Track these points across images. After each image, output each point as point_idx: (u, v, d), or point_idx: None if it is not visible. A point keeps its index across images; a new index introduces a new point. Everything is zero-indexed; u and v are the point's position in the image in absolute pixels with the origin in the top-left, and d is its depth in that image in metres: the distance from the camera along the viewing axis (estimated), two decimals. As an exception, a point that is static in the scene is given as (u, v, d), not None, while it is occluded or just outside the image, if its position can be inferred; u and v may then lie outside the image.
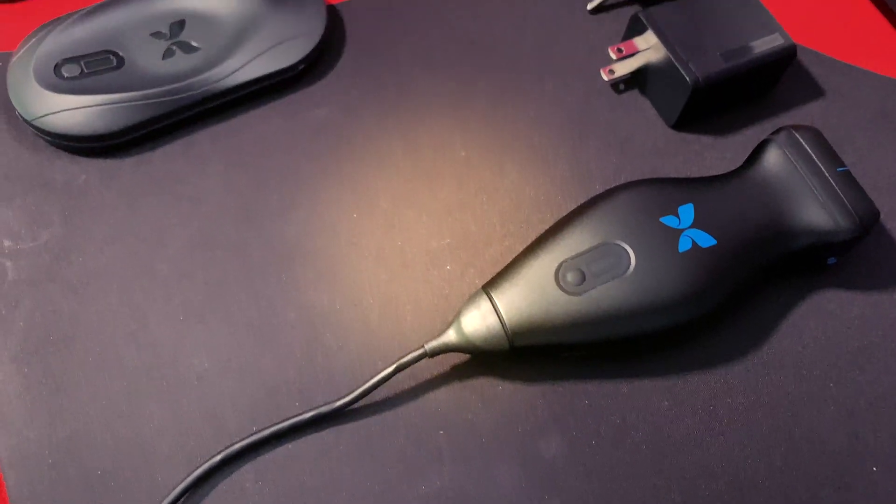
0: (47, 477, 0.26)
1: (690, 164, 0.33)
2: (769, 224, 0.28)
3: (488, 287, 0.27)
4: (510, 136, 0.33)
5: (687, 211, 0.28)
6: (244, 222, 0.30)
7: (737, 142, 0.33)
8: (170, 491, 0.25)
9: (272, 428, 0.26)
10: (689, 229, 0.27)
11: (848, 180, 0.29)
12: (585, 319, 0.26)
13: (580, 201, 0.31)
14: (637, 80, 0.34)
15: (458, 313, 0.27)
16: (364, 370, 0.28)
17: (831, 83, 0.35)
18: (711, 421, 0.28)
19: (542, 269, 0.27)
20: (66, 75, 0.30)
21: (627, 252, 0.27)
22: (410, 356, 0.26)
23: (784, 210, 0.28)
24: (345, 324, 0.29)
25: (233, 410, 0.27)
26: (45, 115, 0.30)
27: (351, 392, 0.26)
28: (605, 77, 0.33)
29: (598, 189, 0.32)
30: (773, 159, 0.29)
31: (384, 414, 0.27)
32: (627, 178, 0.32)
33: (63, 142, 0.30)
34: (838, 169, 0.29)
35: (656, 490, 0.26)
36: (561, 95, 0.34)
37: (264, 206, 0.31)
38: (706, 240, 0.27)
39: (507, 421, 0.27)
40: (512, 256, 0.30)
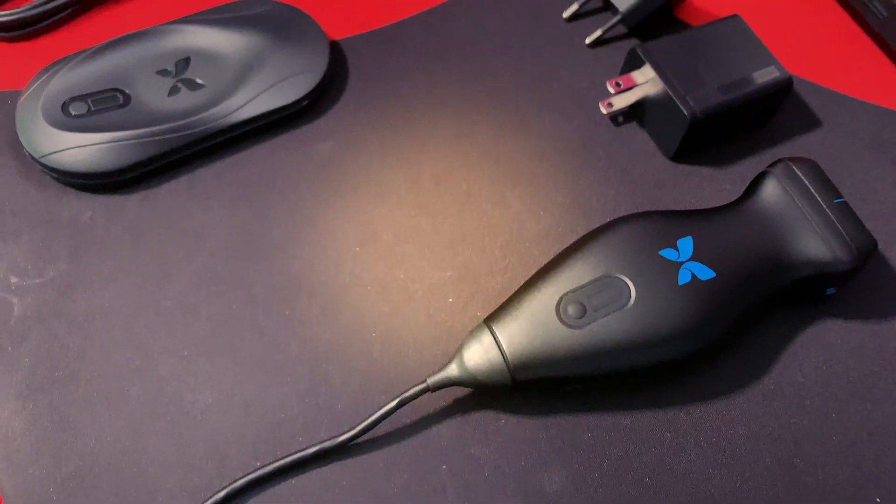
0: (52, 514, 0.26)
1: (689, 196, 0.33)
2: (768, 256, 0.28)
3: (490, 320, 0.27)
4: (511, 169, 0.33)
5: (686, 244, 0.28)
6: (248, 257, 0.31)
7: (735, 173, 0.34)
8: (174, 527, 0.25)
9: (276, 463, 0.26)
10: (689, 262, 0.28)
11: (845, 212, 0.29)
12: (587, 353, 0.26)
13: (581, 233, 0.32)
14: (635, 113, 0.35)
15: (460, 347, 0.27)
16: (367, 404, 0.28)
17: (828, 114, 0.35)
18: (714, 453, 0.28)
19: (544, 303, 0.27)
20: (74, 113, 0.31)
21: (628, 285, 0.27)
22: (413, 391, 0.26)
23: (782, 242, 0.29)
24: (348, 357, 0.29)
25: (237, 446, 0.27)
26: (53, 153, 0.30)
27: (354, 427, 0.26)
28: (604, 110, 0.34)
29: (599, 220, 0.32)
30: (771, 191, 0.30)
31: (387, 449, 0.27)
32: (627, 210, 0.32)
33: (70, 179, 0.31)
34: (835, 200, 0.29)
35: (659, 524, 0.26)
36: (561, 128, 0.34)
37: (268, 241, 0.31)
38: (705, 272, 0.28)
39: (510, 455, 0.27)
40: (514, 288, 0.30)
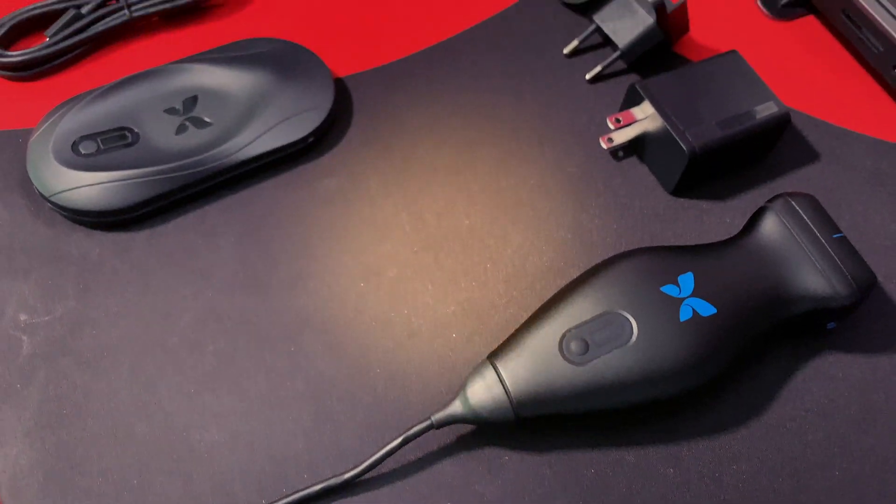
0: (59, 553, 0.26)
1: (690, 230, 0.33)
2: (768, 291, 0.29)
3: (493, 357, 0.27)
4: (513, 204, 0.34)
5: (687, 280, 0.28)
6: (254, 294, 0.31)
7: (735, 207, 0.34)
8: (180, 566, 0.25)
9: (282, 501, 0.26)
10: (690, 298, 0.28)
11: (844, 246, 0.29)
12: (590, 390, 0.27)
13: (583, 267, 0.32)
14: (635, 148, 0.35)
15: (464, 384, 0.27)
16: (372, 441, 0.28)
17: (826, 147, 0.36)
18: (717, 488, 0.28)
19: (547, 339, 0.27)
20: (84, 152, 0.31)
21: (630, 321, 0.27)
22: (417, 428, 0.27)
23: (782, 277, 0.29)
24: (352, 394, 0.29)
25: (242, 483, 0.27)
26: (63, 192, 0.31)
27: (359, 465, 0.27)
28: (604, 145, 0.34)
29: (600, 254, 0.33)
30: (770, 227, 0.30)
31: (392, 486, 0.27)
32: (628, 244, 0.33)
33: (79, 217, 0.31)
34: (834, 235, 0.30)
35: (664, 560, 0.26)
36: (561, 162, 0.35)
37: (273, 277, 0.31)
38: (706, 308, 0.28)
39: (515, 491, 0.27)
40: (516, 323, 0.30)
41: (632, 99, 0.34)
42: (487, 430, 0.28)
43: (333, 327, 0.30)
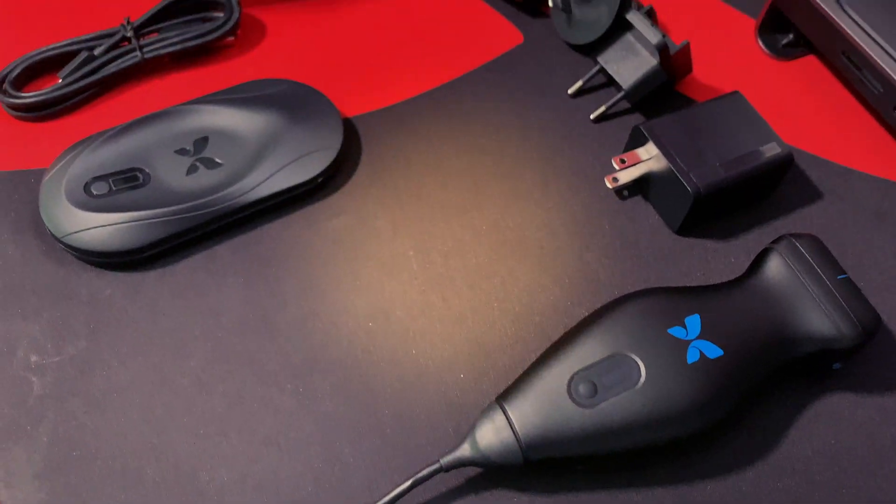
0: None
1: (695, 269, 0.34)
2: (774, 333, 0.29)
3: (502, 399, 0.28)
4: (519, 242, 0.34)
5: (694, 321, 0.29)
6: (262, 333, 0.31)
7: (739, 246, 0.34)
8: None
9: (291, 545, 0.26)
10: (697, 340, 0.28)
11: (849, 287, 0.30)
12: (598, 433, 0.27)
13: (589, 306, 0.32)
14: (640, 187, 0.36)
15: (473, 427, 0.27)
16: (380, 484, 0.28)
17: (828, 185, 0.36)
18: (726, 531, 0.28)
19: (555, 381, 0.28)
20: (96, 193, 0.32)
21: (638, 364, 0.28)
22: (426, 471, 0.27)
23: (788, 318, 0.29)
24: (361, 435, 0.29)
25: (251, 526, 0.27)
26: (75, 233, 0.31)
27: (368, 508, 0.27)
28: (609, 185, 0.34)
29: (607, 293, 0.33)
30: (775, 268, 0.30)
31: (401, 529, 0.27)
32: (635, 283, 0.33)
33: (90, 257, 0.32)
34: (839, 276, 0.30)
35: None
36: (567, 201, 0.35)
37: (282, 317, 0.32)
38: (713, 350, 0.28)
39: (523, 534, 0.27)
40: (524, 363, 0.31)
41: (636, 140, 0.35)
42: (496, 473, 0.28)
43: (341, 368, 0.31)
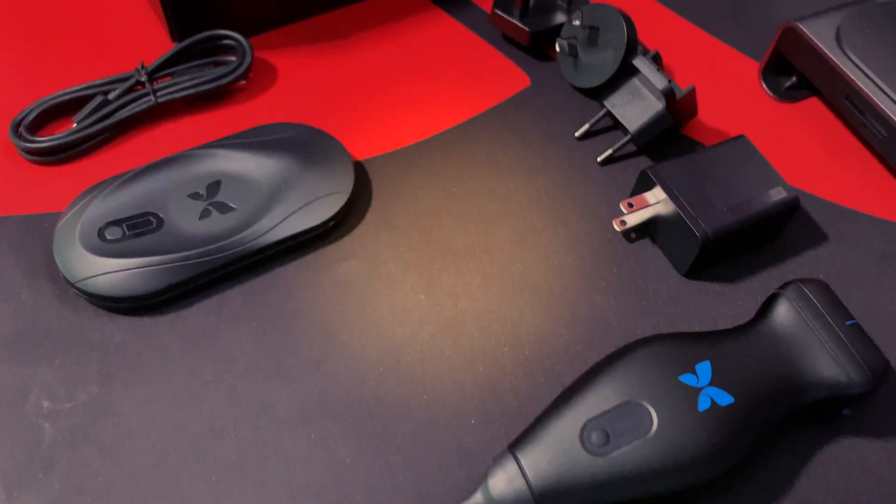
0: None
1: (704, 313, 0.34)
2: (783, 379, 0.29)
3: (514, 448, 0.28)
4: (528, 285, 0.34)
5: (704, 369, 0.29)
6: (274, 378, 0.31)
7: (747, 289, 0.35)
8: None
9: None
10: (708, 387, 0.28)
11: (857, 333, 0.30)
12: (610, 481, 0.27)
13: (599, 350, 0.33)
14: (648, 230, 0.36)
15: (485, 476, 0.27)
16: (393, 531, 0.28)
17: (834, 228, 0.37)
18: (739, 580, 0.28)
19: (567, 430, 0.28)
20: (109, 238, 0.32)
21: (649, 412, 0.28)
22: (440, 521, 0.27)
23: (797, 365, 0.29)
24: (373, 481, 0.29)
25: (264, 575, 0.27)
26: (88, 278, 0.31)
27: (381, 558, 0.27)
28: (617, 227, 0.35)
29: (617, 337, 0.33)
30: (784, 314, 0.31)
31: (414, 579, 0.27)
32: (644, 327, 0.33)
33: (104, 302, 0.32)
34: (847, 322, 0.30)
35: None
36: (575, 244, 0.36)
37: (293, 362, 0.32)
38: (724, 398, 0.28)
39: (536, 584, 0.27)
40: (535, 408, 0.31)
41: (644, 183, 0.35)
42: (509, 521, 0.28)
43: (353, 413, 0.31)
